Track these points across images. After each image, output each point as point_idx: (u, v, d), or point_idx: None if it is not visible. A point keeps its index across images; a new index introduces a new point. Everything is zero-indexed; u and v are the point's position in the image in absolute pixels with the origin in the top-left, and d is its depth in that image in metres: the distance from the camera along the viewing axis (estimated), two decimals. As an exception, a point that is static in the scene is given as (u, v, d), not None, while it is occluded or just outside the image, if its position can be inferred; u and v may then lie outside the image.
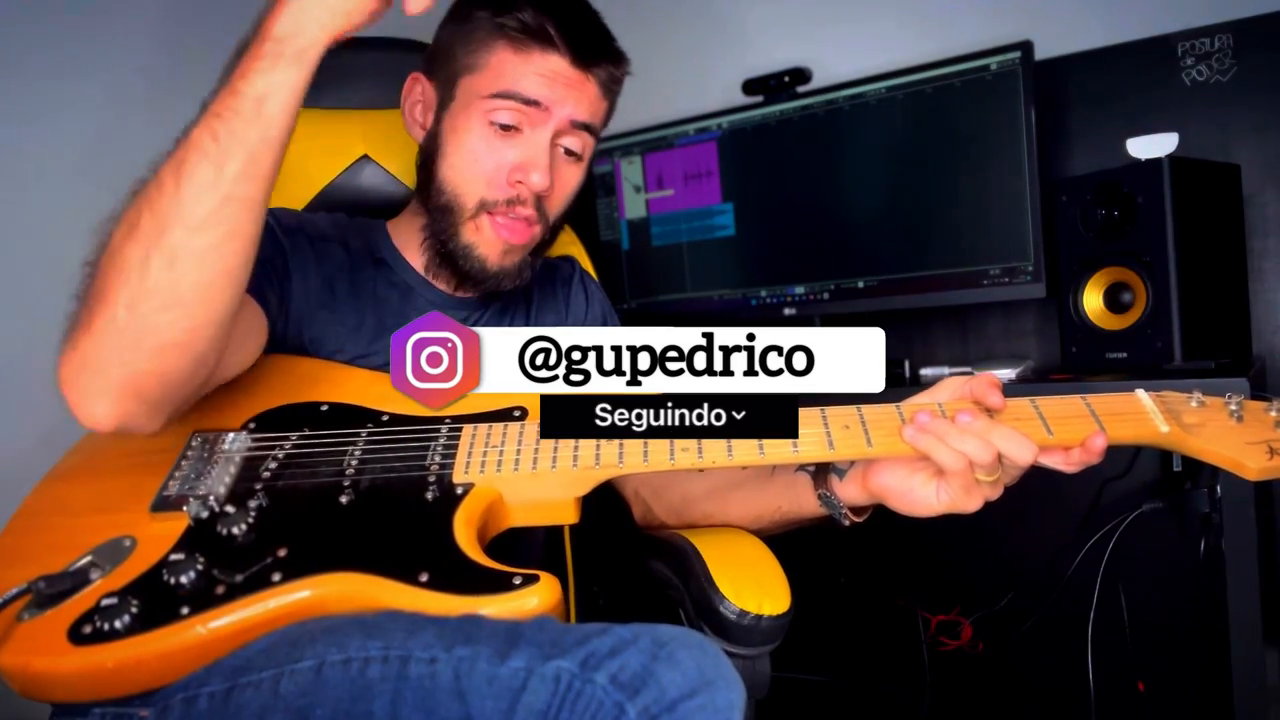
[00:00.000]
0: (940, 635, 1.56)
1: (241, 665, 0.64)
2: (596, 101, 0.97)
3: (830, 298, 1.61)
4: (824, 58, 1.73)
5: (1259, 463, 0.69)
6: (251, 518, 0.72)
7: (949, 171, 1.48)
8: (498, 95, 0.92)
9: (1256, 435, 0.72)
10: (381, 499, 0.76)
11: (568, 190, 0.99)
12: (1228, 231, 1.33)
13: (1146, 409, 0.75)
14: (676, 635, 0.61)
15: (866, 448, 0.76)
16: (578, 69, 0.93)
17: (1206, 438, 0.72)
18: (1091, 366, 1.27)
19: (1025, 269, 1.42)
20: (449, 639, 0.61)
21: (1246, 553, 1.05)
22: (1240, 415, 0.74)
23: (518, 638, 0.61)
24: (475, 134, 0.94)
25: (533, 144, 0.93)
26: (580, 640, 0.60)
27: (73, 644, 0.64)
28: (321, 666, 0.61)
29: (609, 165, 1.80)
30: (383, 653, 0.61)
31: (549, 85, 0.92)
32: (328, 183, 1.21)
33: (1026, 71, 1.39)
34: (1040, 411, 0.77)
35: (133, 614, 0.65)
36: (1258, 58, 1.40)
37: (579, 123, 0.96)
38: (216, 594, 0.67)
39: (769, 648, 0.79)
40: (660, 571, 0.87)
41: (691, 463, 0.78)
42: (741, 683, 0.61)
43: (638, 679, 0.58)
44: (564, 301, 1.12)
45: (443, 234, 0.96)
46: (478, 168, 0.94)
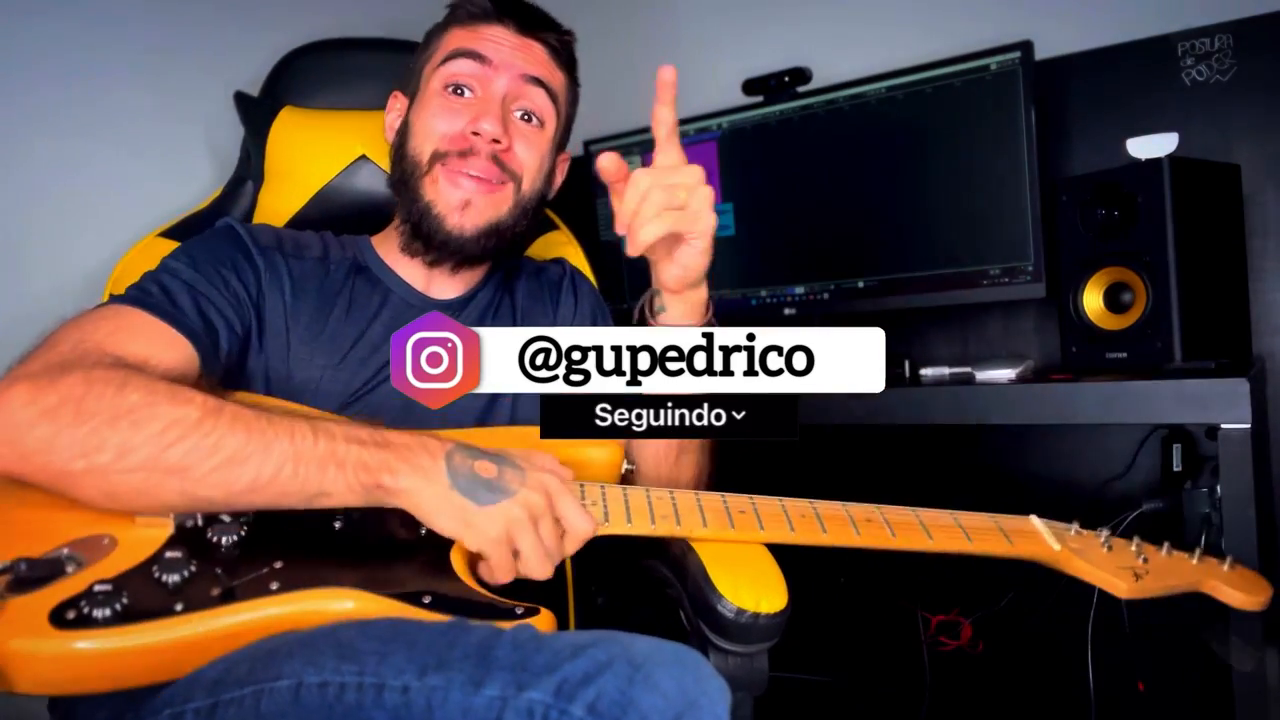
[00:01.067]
0: (940, 635, 1.56)
1: (221, 678, 0.63)
2: (546, 63, 1.02)
3: (830, 298, 1.60)
4: (824, 58, 1.73)
5: (1128, 583, 0.85)
6: (244, 530, 0.72)
7: (949, 171, 1.48)
8: (448, 58, 1.00)
9: (1124, 562, 0.87)
10: (374, 526, 0.76)
11: (534, 154, 1.01)
12: (1228, 231, 1.33)
13: (1040, 530, 0.89)
14: (652, 654, 0.60)
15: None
16: (522, 35, 1.01)
17: (1087, 559, 0.86)
18: (1091, 366, 1.27)
19: (1025, 269, 1.42)
20: (420, 662, 0.60)
21: (1247, 553, 1.05)
22: (1109, 546, 0.89)
23: (490, 661, 0.59)
24: (433, 102, 1.00)
25: (484, 100, 0.99)
26: (552, 664, 0.58)
27: (54, 627, 0.62)
28: (299, 688, 0.60)
29: (609, 165, 1.80)
30: (357, 679, 0.60)
31: (495, 47, 1.00)
32: (325, 183, 1.21)
33: (1026, 71, 1.39)
34: (960, 522, 0.88)
35: (122, 604, 0.63)
36: (1258, 58, 1.40)
37: (530, 76, 1.00)
38: (212, 595, 0.66)
39: (767, 645, 0.79)
40: (658, 571, 0.87)
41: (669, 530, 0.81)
42: (727, 690, 0.60)
43: (616, 707, 0.56)
44: (552, 304, 1.12)
45: (409, 201, 1.00)
46: (434, 127, 0.99)
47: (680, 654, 0.61)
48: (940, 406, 1.27)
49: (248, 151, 1.26)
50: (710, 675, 0.60)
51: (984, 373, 1.33)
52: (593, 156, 1.80)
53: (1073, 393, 1.17)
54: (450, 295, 1.05)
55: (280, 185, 1.23)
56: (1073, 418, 1.17)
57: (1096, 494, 1.47)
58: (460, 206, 0.97)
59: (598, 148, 1.79)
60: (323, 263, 1.00)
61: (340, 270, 1.01)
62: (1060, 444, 1.55)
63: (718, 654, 0.78)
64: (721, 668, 0.77)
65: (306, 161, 1.22)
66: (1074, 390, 1.17)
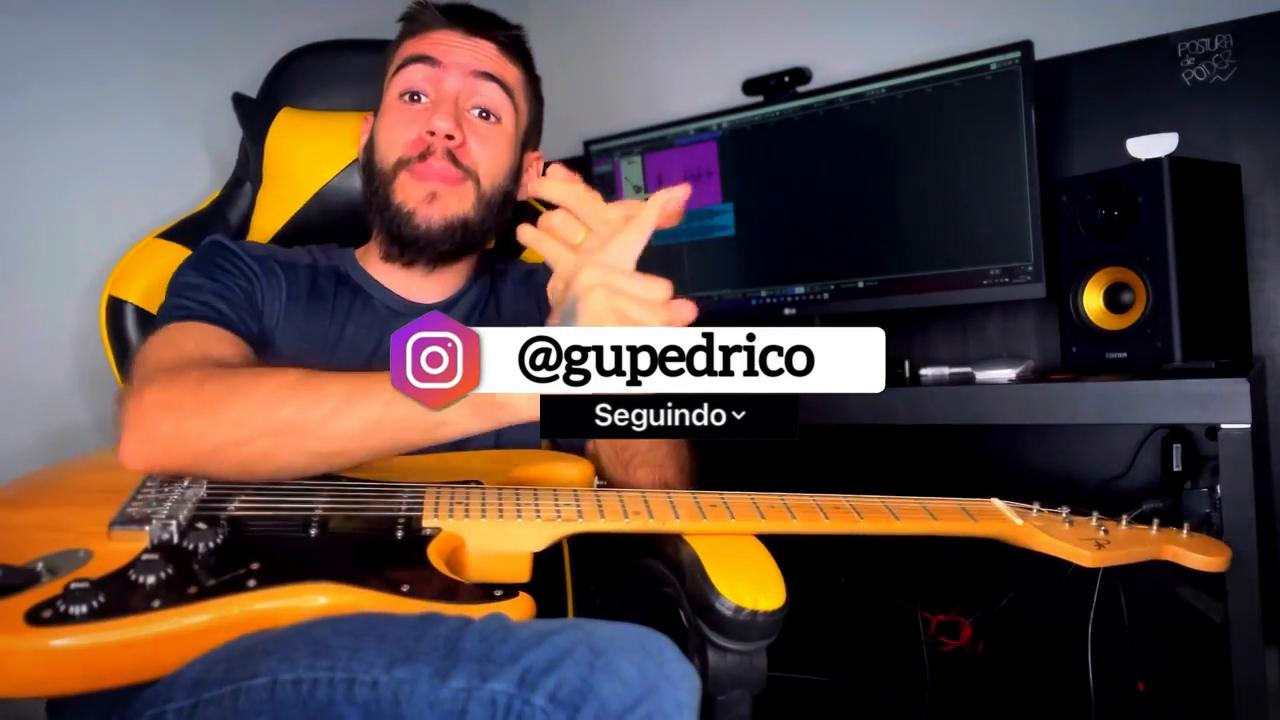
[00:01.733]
0: (940, 635, 1.56)
1: (201, 677, 0.63)
2: (497, 58, 1.04)
3: (830, 298, 1.61)
4: (824, 58, 1.73)
5: (1092, 553, 0.87)
6: (220, 537, 0.72)
7: (949, 172, 1.48)
8: (401, 66, 1.03)
9: (1086, 535, 0.90)
10: (350, 534, 0.77)
11: (488, 152, 1.03)
12: (1228, 231, 1.33)
13: (1002, 509, 0.92)
14: (614, 639, 0.60)
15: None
16: (471, 35, 1.03)
17: (1050, 534, 0.89)
18: (1091, 366, 1.27)
19: (1025, 269, 1.42)
20: (389, 656, 0.60)
21: (1246, 553, 1.05)
22: (1070, 522, 0.92)
23: (457, 653, 0.60)
24: (392, 112, 1.03)
25: (437, 100, 1.01)
26: (515, 654, 0.59)
27: (30, 625, 0.61)
28: (274, 685, 0.61)
29: (609, 165, 1.80)
30: (329, 674, 0.60)
31: (443, 48, 1.02)
32: (324, 184, 1.21)
33: (1026, 71, 1.39)
34: (924, 505, 0.90)
35: (99, 601, 0.63)
36: (1258, 58, 1.40)
37: (481, 72, 1.02)
38: (189, 593, 0.66)
39: (765, 643, 0.79)
40: (655, 569, 0.87)
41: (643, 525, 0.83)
42: (692, 675, 0.61)
43: (577, 694, 0.57)
44: (536, 306, 1.12)
45: (382, 209, 1.02)
46: (394, 135, 1.02)
47: (644, 639, 0.61)
48: (940, 406, 1.27)
49: (246, 153, 1.26)
50: (674, 660, 0.61)
51: (984, 373, 1.33)
52: (593, 157, 1.80)
53: (1073, 393, 1.17)
54: (433, 299, 1.07)
55: (279, 187, 1.23)
56: (1073, 418, 1.17)
57: (1096, 494, 1.47)
58: (427, 200, 1.00)
59: (598, 148, 1.79)
60: (311, 270, 1.05)
61: (327, 278, 1.05)
62: (1060, 444, 1.55)
63: (716, 652, 0.78)
64: (720, 665, 0.77)
65: (305, 163, 1.22)
66: (1074, 390, 1.17)
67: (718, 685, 0.78)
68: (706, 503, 0.86)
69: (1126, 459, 1.46)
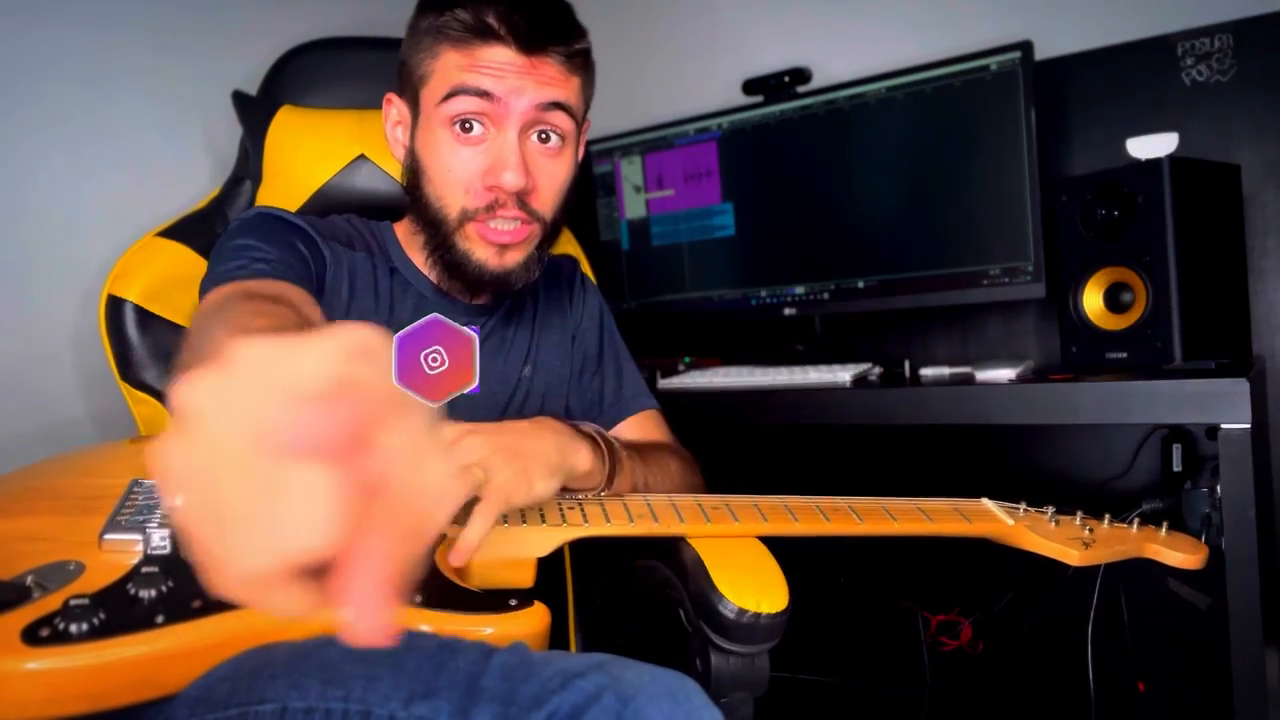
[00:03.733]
0: (940, 635, 1.56)
1: (203, 696, 0.61)
2: (560, 79, 0.92)
3: (830, 298, 1.60)
4: (824, 58, 1.73)
5: (1079, 551, 0.89)
6: None
7: (949, 171, 1.48)
8: (449, 96, 0.90)
9: (1072, 534, 0.91)
10: None
11: (555, 183, 0.96)
12: (1228, 231, 1.33)
13: (994, 509, 0.94)
14: (642, 686, 0.58)
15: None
16: (526, 55, 0.89)
17: (1039, 533, 0.91)
18: (1091, 366, 1.27)
19: (1025, 269, 1.42)
20: (406, 689, 0.58)
21: (1246, 553, 1.05)
22: (1056, 521, 0.94)
23: (478, 691, 0.58)
24: (443, 145, 0.92)
25: (499, 144, 0.91)
26: (539, 698, 0.57)
27: (28, 645, 0.57)
28: (284, 713, 0.59)
29: (609, 165, 1.80)
30: (343, 705, 0.58)
31: (498, 77, 0.89)
32: (324, 182, 1.21)
33: (1026, 71, 1.39)
34: (919, 506, 0.92)
35: (100, 619, 0.60)
36: (1258, 58, 1.40)
37: (545, 104, 0.91)
38: (193, 607, 0.64)
39: (768, 645, 0.79)
40: (658, 571, 0.87)
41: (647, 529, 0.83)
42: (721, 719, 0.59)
43: None
44: (568, 299, 1.14)
45: (441, 247, 0.96)
46: (452, 179, 0.93)
47: (672, 686, 0.59)
48: (940, 406, 1.27)
49: (246, 151, 1.26)
50: (703, 707, 0.59)
51: (984, 373, 1.33)
52: (592, 157, 1.79)
53: (1073, 393, 1.17)
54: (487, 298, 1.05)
55: (278, 184, 1.23)
56: (1073, 418, 1.17)
57: (1096, 494, 1.48)
58: (499, 253, 0.95)
59: (597, 148, 1.79)
60: (369, 261, 1.00)
61: (381, 274, 1.01)
62: (1060, 444, 1.55)
63: (719, 654, 0.78)
64: (723, 668, 0.77)
65: (305, 161, 1.22)
66: (1074, 390, 1.17)
67: (720, 688, 0.78)
68: (709, 505, 0.86)
69: (1126, 459, 1.46)
